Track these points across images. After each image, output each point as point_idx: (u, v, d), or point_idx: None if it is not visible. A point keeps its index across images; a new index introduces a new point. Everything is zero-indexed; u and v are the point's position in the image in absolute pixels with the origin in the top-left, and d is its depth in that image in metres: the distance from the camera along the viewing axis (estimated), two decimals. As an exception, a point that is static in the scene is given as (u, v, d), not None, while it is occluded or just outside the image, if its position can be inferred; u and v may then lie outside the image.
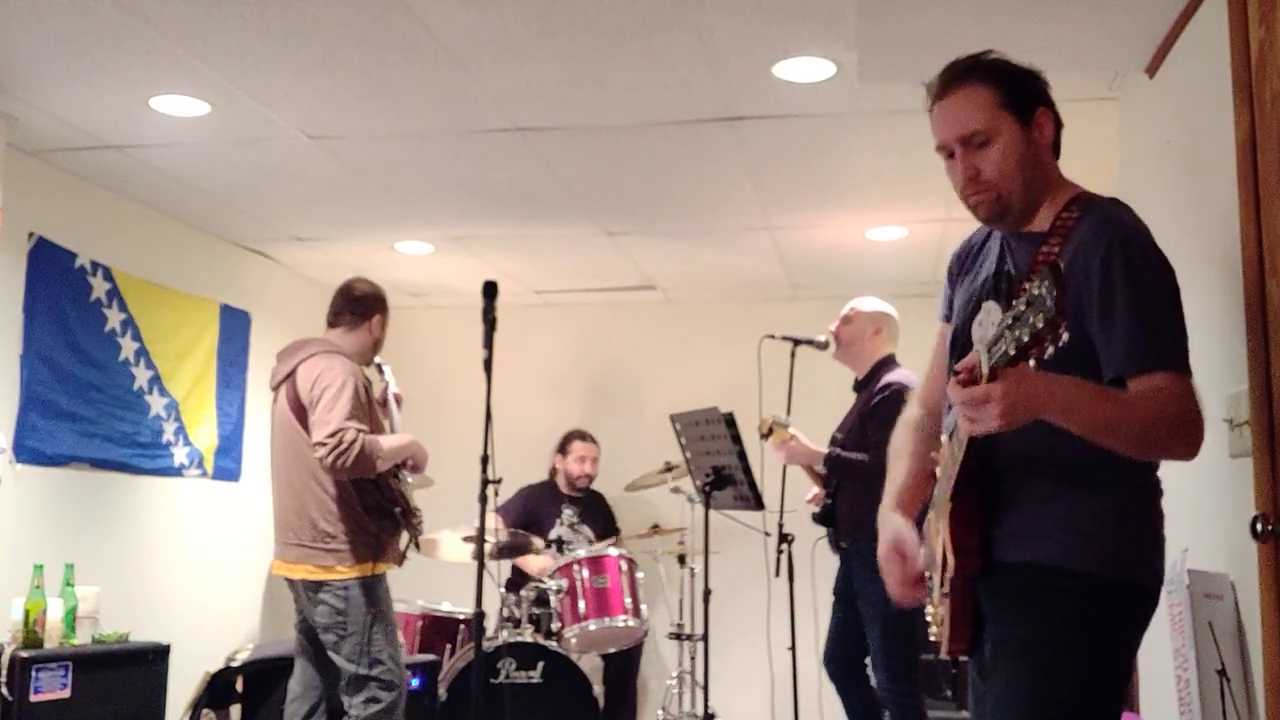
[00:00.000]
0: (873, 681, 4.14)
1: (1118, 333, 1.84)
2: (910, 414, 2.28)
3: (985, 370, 1.72)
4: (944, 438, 2.05)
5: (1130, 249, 1.88)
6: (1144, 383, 1.83)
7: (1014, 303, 1.63)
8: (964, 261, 2.20)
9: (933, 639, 2.08)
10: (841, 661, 4.16)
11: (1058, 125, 2.04)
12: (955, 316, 2.16)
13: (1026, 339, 1.58)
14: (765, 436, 4.12)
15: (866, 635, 4.03)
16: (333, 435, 3.62)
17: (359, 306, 4.01)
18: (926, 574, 2.09)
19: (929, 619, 2.09)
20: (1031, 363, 1.65)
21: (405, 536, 3.98)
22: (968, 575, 1.94)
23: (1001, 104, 1.98)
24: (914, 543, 2.10)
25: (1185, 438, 1.83)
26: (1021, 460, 1.91)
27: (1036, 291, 1.55)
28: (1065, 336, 1.55)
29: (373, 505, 3.83)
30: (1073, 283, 1.80)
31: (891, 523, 2.15)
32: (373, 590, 3.78)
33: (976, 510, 1.94)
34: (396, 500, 3.88)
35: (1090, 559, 1.88)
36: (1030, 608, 1.90)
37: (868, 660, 4.14)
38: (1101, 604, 1.88)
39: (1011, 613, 1.93)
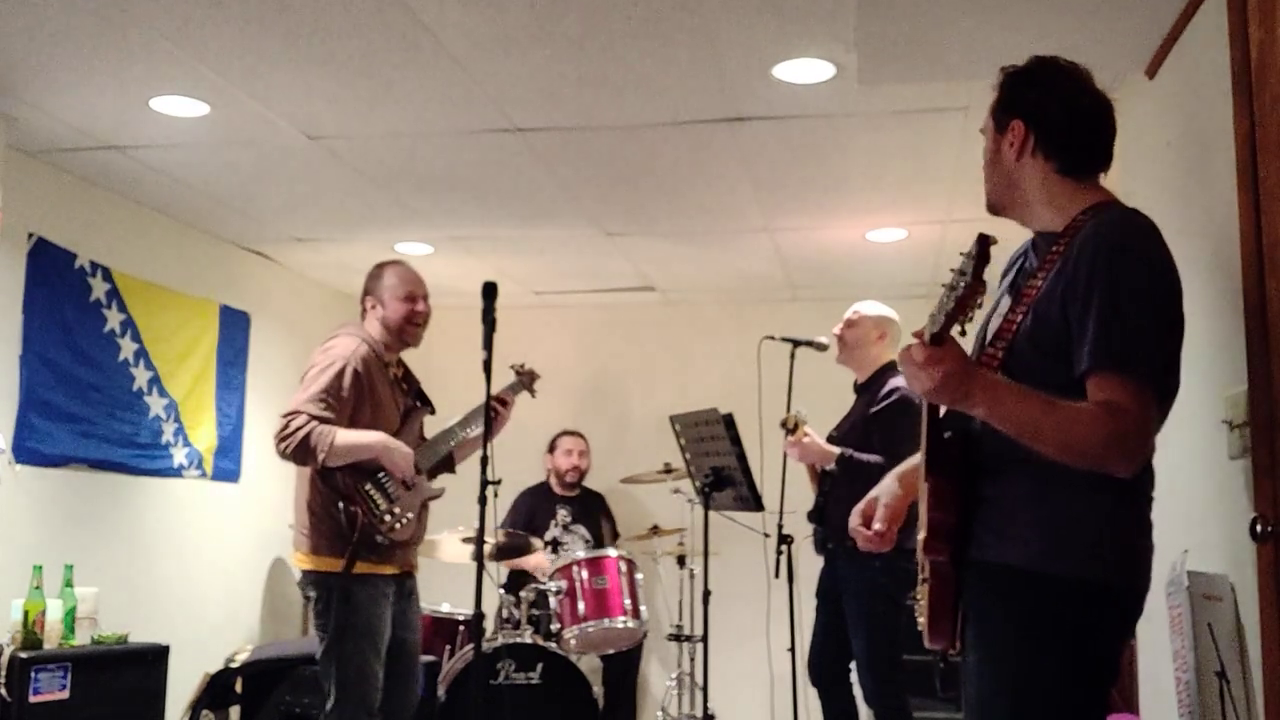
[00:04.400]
0: (854, 687, 4.13)
1: (1086, 331, 1.85)
2: None
3: (926, 337, 1.84)
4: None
5: (1118, 251, 1.87)
6: (1098, 386, 1.83)
7: (952, 273, 1.76)
8: (1007, 267, 2.26)
9: (919, 629, 2.08)
10: (828, 664, 4.14)
11: (1053, 134, 2.05)
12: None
13: (952, 306, 1.75)
14: (791, 431, 4.07)
15: (851, 637, 4.01)
16: (285, 416, 3.46)
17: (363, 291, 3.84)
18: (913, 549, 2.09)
19: (916, 609, 2.10)
20: (957, 328, 1.79)
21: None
22: (938, 562, 1.96)
23: (992, 108, 2.14)
24: (888, 502, 2.26)
25: (1120, 454, 1.82)
26: (1004, 456, 1.91)
27: (960, 265, 1.67)
28: (981, 303, 1.73)
29: (346, 495, 3.52)
30: (1064, 282, 1.89)
31: (881, 485, 2.29)
32: (350, 593, 3.46)
33: (955, 496, 1.96)
34: (353, 498, 3.51)
35: (1067, 562, 1.87)
36: (1010, 609, 1.90)
37: (852, 665, 4.12)
38: (1079, 608, 1.87)
39: (991, 611, 1.93)
